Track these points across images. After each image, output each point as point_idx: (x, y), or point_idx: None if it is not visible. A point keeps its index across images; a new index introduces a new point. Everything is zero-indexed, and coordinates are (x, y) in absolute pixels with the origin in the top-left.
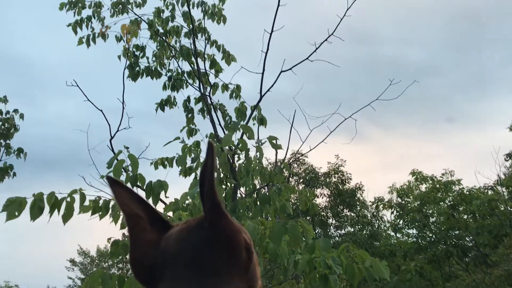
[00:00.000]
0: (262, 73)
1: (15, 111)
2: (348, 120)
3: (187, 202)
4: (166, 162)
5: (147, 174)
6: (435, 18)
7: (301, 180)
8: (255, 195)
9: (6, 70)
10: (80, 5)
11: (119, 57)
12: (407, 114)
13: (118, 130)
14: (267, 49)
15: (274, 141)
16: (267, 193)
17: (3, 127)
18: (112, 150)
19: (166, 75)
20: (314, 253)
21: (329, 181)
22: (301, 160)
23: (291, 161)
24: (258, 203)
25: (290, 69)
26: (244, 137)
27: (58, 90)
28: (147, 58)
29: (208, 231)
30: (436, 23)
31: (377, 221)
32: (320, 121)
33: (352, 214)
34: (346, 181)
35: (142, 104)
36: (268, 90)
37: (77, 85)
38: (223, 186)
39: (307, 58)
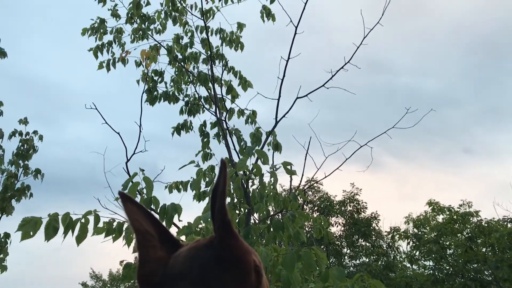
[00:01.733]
0: (278, 99)
1: (35, 132)
2: (364, 149)
3: (200, 226)
4: (180, 186)
5: (161, 197)
6: (452, 49)
7: (316, 208)
8: (268, 221)
9: (28, 92)
10: (101, 30)
11: (137, 81)
12: (425, 144)
13: (134, 153)
14: (283, 75)
15: (288, 167)
16: (281, 220)
17: (22, 148)
18: (128, 173)
19: (183, 100)
20: (327, 281)
21: (344, 209)
22: (316, 188)
23: (305, 188)
24: (271, 229)
25: (306, 95)
26: (259, 162)
27: (77, 113)
28: (165, 83)
29: (217, 250)
30: (453, 53)
31: (393, 252)
32: (336, 148)
33: (367, 244)
34: (362, 210)
35: (158, 128)
36: (284, 116)
37: (96, 108)
38: (237, 212)
39: (323, 85)
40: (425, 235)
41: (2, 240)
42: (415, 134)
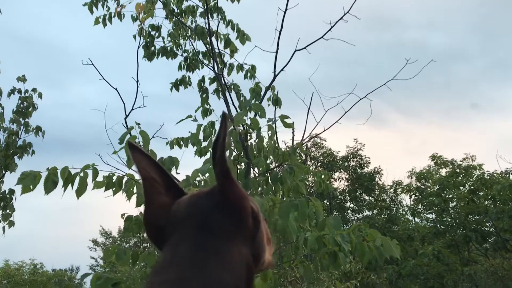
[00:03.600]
0: (276, 52)
1: (34, 90)
2: (368, 104)
3: (198, 178)
4: (181, 142)
5: (164, 154)
6: (461, 1)
7: (319, 164)
8: (268, 175)
9: (30, 53)
10: None
11: (134, 36)
12: (432, 100)
13: (132, 109)
14: (281, 27)
15: (286, 120)
16: (280, 173)
17: (22, 105)
18: (127, 128)
19: (182, 55)
20: (324, 230)
21: (348, 165)
22: (319, 144)
23: (308, 144)
24: (269, 182)
25: (305, 48)
26: (257, 116)
27: (81, 74)
28: (163, 38)
29: (217, 196)
30: (462, 6)
31: (396, 206)
32: (337, 103)
33: (370, 198)
34: (365, 165)
35: (159, 87)
36: (282, 70)
37: (92, 64)
38: (237, 166)
39: (322, 37)
40: (428, 189)
41: (7, 196)
42: (422, 90)
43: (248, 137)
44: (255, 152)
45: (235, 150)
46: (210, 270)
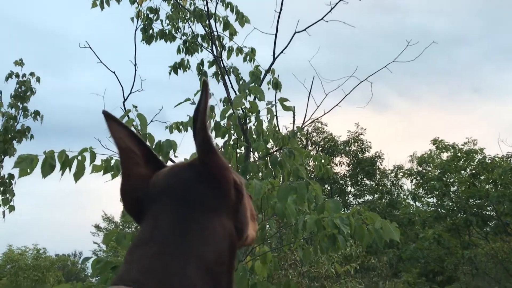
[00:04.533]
0: (276, 34)
1: (32, 74)
2: (371, 89)
3: None
4: (181, 126)
5: (163, 139)
6: None
7: (320, 149)
8: (267, 159)
9: (31, 40)
10: None
11: (132, 19)
12: (434, 85)
13: (131, 92)
14: (281, 8)
15: (285, 103)
16: (279, 157)
17: (20, 90)
18: (127, 113)
19: (181, 38)
20: (323, 213)
21: (349, 149)
22: (320, 129)
23: (309, 128)
24: (269, 165)
25: (305, 29)
26: (256, 100)
27: (82, 61)
28: (161, 21)
29: (198, 167)
30: None
31: (397, 190)
32: (338, 86)
33: (371, 182)
34: (366, 149)
35: (159, 73)
36: (282, 52)
37: (90, 47)
38: (237, 150)
39: (322, 19)
40: (429, 173)
41: (7, 181)
42: (424, 74)
43: (247, 121)
44: (254, 136)
45: (234, 134)
46: (192, 244)
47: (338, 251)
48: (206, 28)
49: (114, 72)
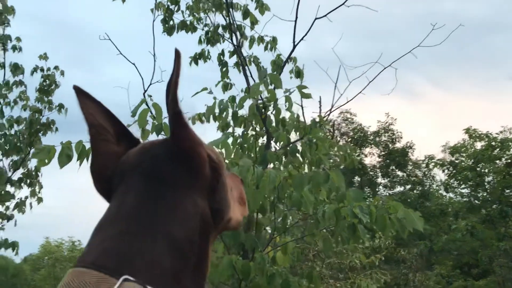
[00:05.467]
0: (295, 21)
1: (56, 67)
2: (403, 80)
3: None
4: (203, 118)
5: None
6: None
7: (350, 140)
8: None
9: (67, 38)
10: None
11: (152, 10)
12: (468, 73)
13: (151, 84)
14: None
15: (304, 91)
16: (299, 146)
17: (44, 83)
18: (146, 104)
19: (202, 29)
20: (342, 202)
21: (379, 140)
22: (349, 120)
23: (338, 119)
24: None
25: (325, 15)
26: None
27: (113, 57)
28: (182, 12)
29: (170, 142)
30: None
31: (429, 181)
32: (362, 73)
33: (403, 173)
34: (396, 140)
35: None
36: (302, 39)
37: (109, 39)
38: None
39: (343, 4)
40: (462, 163)
41: (33, 173)
42: (457, 63)
43: (266, 110)
44: (273, 124)
45: (252, 123)
46: (159, 222)
47: (358, 241)
48: (226, 18)
49: (134, 64)
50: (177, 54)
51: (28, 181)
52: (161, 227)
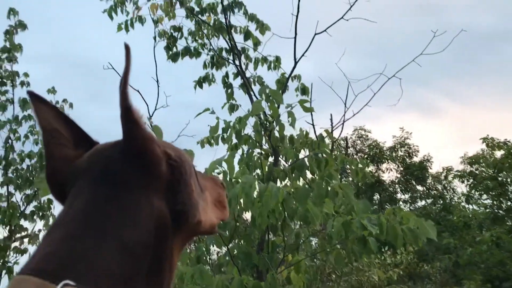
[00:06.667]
0: (295, 38)
1: (64, 100)
2: (418, 98)
3: (216, 171)
4: (212, 141)
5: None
6: None
7: (366, 156)
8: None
9: (86, 74)
10: None
11: (154, 38)
12: (484, 85)
13: (155, 109)
14: (298, 11)
15: (305, 105)
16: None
17: None
18: (152, 129)
19: (207, 54)
20: (352, 215)
21: (395, 155)
22: (364, 136)
23: (353, 136)
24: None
25: (325, 30)
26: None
27: (114, 83)
28: (185, 38)
29: (121, 142)
30: None
31: (449, 194)
32: (367, 86)
33: (423, 188)
34: (413, 154)
35: (188, 93)
36: (303, 55)
37: (113, 68)
38: (268, 159)
39: (342, 17)
40: (482, 173)
41: (46, 206)
42: (473, 77)
43: (270, 126)
44: (278, 142)
45: (256, 140)
46: (107, 225)
47: (370, 254)
48: (229, 41)
49: (138, 91)
50: (127, 48)
51: (41, 213)
52: (109, 230)
